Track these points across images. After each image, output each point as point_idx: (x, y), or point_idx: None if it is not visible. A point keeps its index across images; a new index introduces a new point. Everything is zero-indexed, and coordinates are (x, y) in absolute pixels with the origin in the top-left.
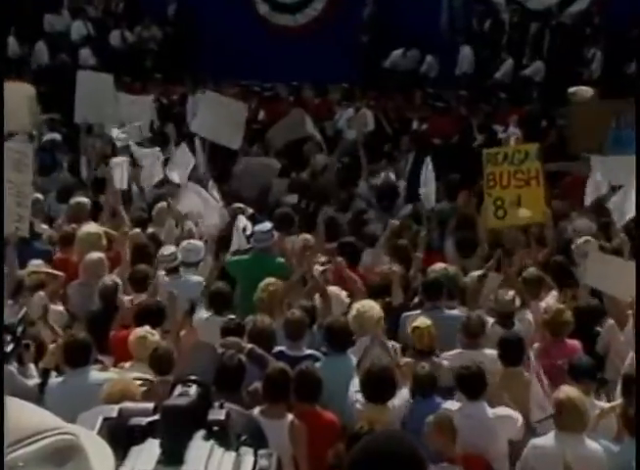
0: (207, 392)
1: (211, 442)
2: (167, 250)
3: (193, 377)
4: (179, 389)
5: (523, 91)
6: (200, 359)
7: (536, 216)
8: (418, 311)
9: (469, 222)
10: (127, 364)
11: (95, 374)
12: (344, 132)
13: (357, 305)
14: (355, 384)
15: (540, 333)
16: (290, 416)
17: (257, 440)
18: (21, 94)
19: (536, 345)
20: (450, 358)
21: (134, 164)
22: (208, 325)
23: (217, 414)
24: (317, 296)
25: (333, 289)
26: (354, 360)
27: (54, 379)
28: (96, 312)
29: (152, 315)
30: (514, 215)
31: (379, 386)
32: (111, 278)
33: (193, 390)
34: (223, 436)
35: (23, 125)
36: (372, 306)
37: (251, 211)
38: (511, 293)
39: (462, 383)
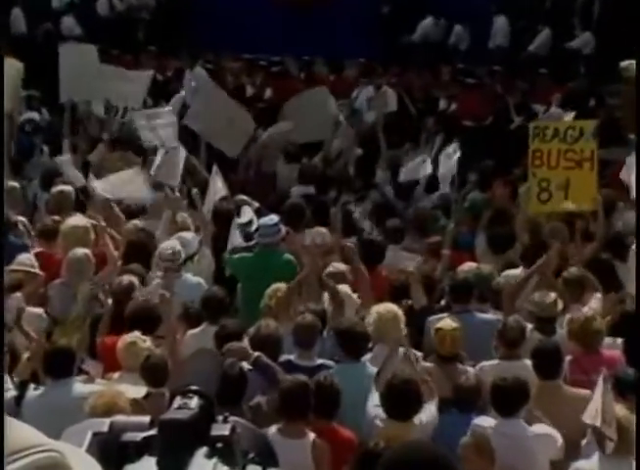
0: (210, 404)
1: (215, 460)
2: (170, 247)
3: (194, 387)
4: (178, 400)
5: (567, 66)
6: (201, 367)
7: (585, 203)
8: (445, 315)
9: (504, 216)
10: (115, 375)
11: (79, 386)
12: (363, 114)
13: (376, 309)
14: (375, 398)
15: (571, 344)
16: (311, 435)
17: (267, 457)
18: (7, 71)
19: (568, 357)
20: (487, 370)
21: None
22: (203, 336)
23: (221, 429)
24: (326, 297)
25: (343, 288)
26: (371, 369)
27: (32, 391)
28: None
29: (145, 320)
30: (559, 200)
31: (401, 400)
32: (128, 277)
33: (194, 402)
34: (228, 453)
35: (8, 107)
36: (392, 310)
37: (257, 204)
38: (552, 294)
39: (497, 398)
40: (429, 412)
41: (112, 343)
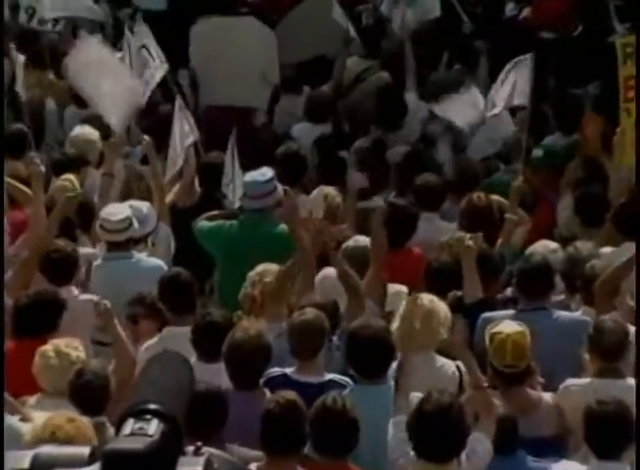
0: (176, 429)
1: None
2: (117, 213)
3: (153, 406)
4: (131, 424)
5: None
6: (163, 377)
7: None
8: (509, 312)
9: (598, 169)
10: (32, 399)
11: None
12: (391, 23)
13: (409, 304)
14: (398, 425)
15: None
16: None
17: None
18: None
19: None
20: (575, 393)
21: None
22: (167, 338)
23: (192, 463)
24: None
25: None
26: None
27: None
28: None
29: (39, 317)
30: None
31: (438, 436)
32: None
33: (153, 426)
34: None
35: None
36: (428, 304)
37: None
38: None
39: (593, 430)
40: (478, 448)
41: (16, 350)
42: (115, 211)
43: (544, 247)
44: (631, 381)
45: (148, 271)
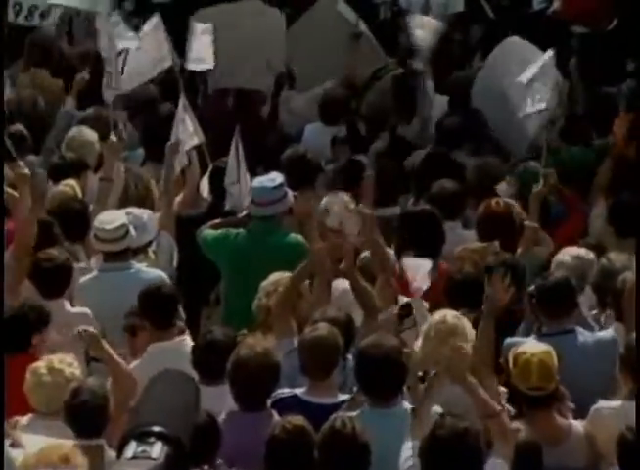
0: (181, 451)
1: None
2: (112, 221)
3: (156, 428)
4: (134, 447)
5: None
6: (166, 397)
7: None
8: (533, 337)
9: (631, 173)
10: (24, 420)
11: None
12: (410, 17)
13: (433, 322)
14: (408, 450)
15: None
16: None
17: None
18: None
19: None
20: (607, 416)
21: None
22: (153, 355)
23: None
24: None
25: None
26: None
27: None
28: None
29: (19, 332)
30: None
31: (452, 462)
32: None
33: (157, 448)
34: None
35: None
36: (449, 320)
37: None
38: None
39: (627, 461)
40: None
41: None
42: (110, 219)
43: (571, 254)
44: None
45: (147, 283)
